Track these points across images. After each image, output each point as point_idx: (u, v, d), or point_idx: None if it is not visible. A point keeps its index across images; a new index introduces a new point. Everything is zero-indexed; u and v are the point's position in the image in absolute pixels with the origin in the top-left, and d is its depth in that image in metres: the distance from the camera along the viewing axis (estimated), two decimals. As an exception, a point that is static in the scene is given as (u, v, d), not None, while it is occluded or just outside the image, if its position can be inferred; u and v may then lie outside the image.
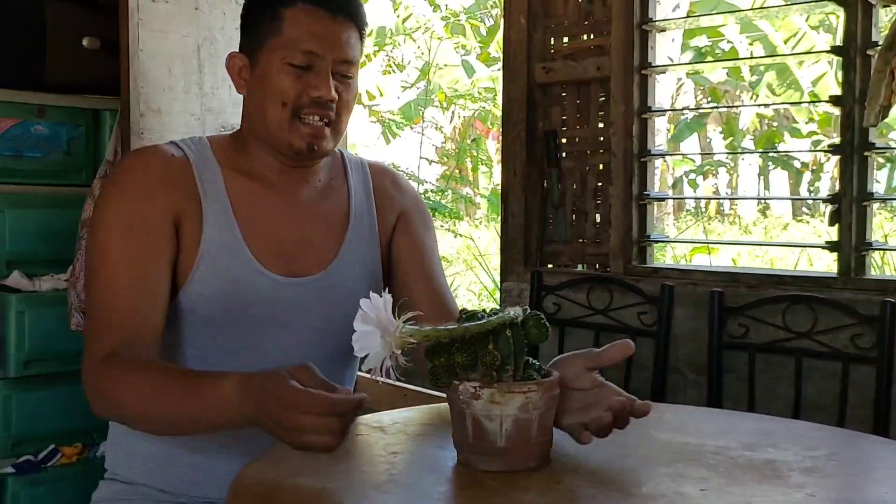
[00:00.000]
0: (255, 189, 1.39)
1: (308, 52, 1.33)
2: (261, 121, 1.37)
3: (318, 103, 1.33)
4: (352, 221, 1.45)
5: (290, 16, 1.34)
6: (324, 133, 1.35)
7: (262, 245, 1.36)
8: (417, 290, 1.45)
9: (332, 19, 1.34)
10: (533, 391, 1.05)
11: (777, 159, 12.60)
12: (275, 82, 1.34)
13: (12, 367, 2.71)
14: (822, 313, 2.16)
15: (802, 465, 1.12)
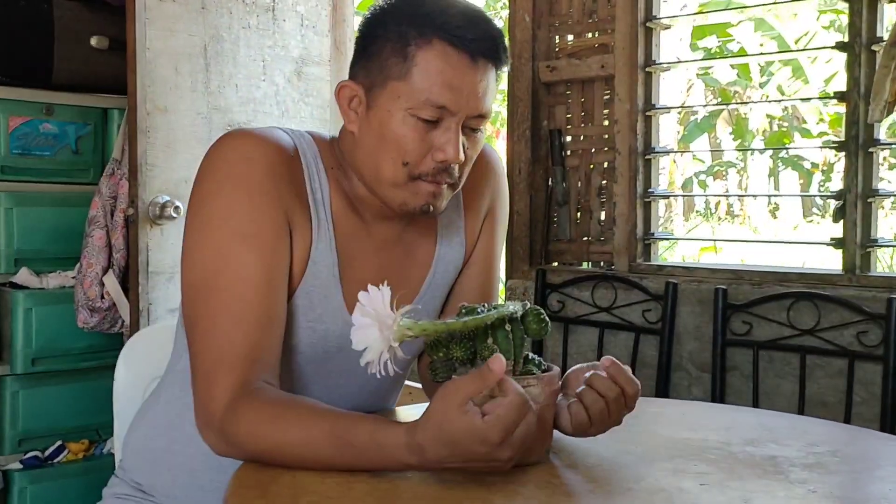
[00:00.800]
0: (355, 219, 1.22)
1: (440, 108, 1.12)
2: (372, 170, 1.17)
3: (442, 169, 1.15)
4: (438, 249, 1.30)
5: (422, 58, 1.12)
6: (441, 192, 1.17)
7: (352, 291, 1.17)
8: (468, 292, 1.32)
9: (471, 65, 1.13)
10: (532, 385, 1.05)
11: (787, 160, 12.56)
12: (396, 134, 1.14)
13: (20, 363, 2.73)
14: (826, 310, 2.16)
15: (804, 461, 1.12)
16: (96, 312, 2.67)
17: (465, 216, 1.32)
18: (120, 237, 2.65)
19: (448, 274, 1.31)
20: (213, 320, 1.10)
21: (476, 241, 1.34)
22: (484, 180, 1.33)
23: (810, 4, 7.83)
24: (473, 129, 1.17)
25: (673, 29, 2.70)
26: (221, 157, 1.16)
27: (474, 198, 1.33)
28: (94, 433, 2.86)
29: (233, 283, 1.10)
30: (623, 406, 1.10)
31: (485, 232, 1.35)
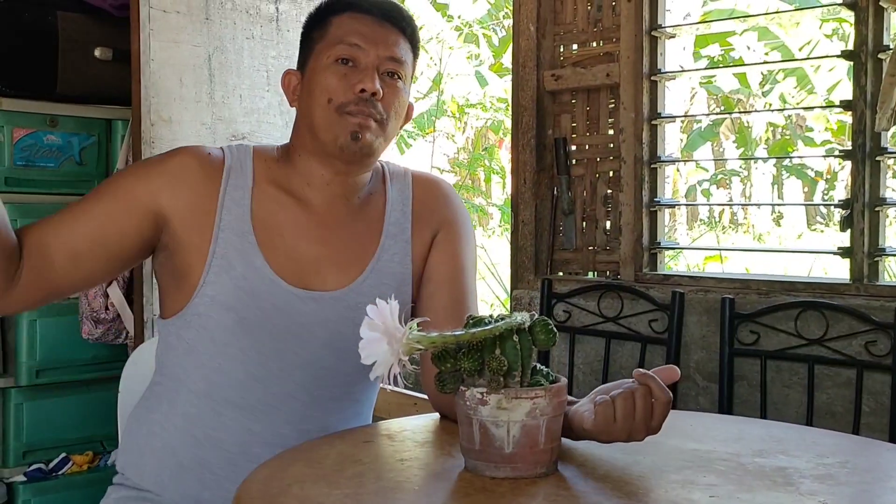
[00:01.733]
0: (284, 203, 1.38)
1: (353, 45, 1.34)
2: (308, 125, 1.36)
3: (363, 99, 1.32)
4: (383, 240, 1.41)
5: (336, 20, 1.37)
6: (368, 124, 1.33)
7: (278, 256, 1.34)
8: (441, 311, 1.39)
9: (377, 23, 1.37)
10: (540, 397, 1.04)
11: (791, 168, 12.55)
12: (321, 81, 1.34)
13: (24, 375, 2.73)
14: (834, 320, 2.15)
15: (815, 473, 1.11)
16: (100, 324, 2.67)
17: (413, 224, 1.44)
18: (124, 248, 2.64)
19: (393, 265, 1.41)
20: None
21: (426, 253, 1.44)
22: (435, 200, 1.47)
23: (813, 13, 7.84)
24: (390, 75, 1.36)
25: (677, 38, 2.70)
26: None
27: (423, 211, 1.45)
28: (98, 445, 2.86)
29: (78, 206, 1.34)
30: (650, 412, 1.09)
31: (440, 246, 1.45)
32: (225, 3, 2.69)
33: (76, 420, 2.82)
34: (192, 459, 1.33)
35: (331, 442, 1.24)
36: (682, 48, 8.70)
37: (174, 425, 1.34)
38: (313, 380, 1.35)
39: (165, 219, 1.33)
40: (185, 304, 1.33)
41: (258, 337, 1.32)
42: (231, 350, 1.32)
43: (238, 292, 1.31)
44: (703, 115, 11.26)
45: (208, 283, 1.31)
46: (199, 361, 1.33)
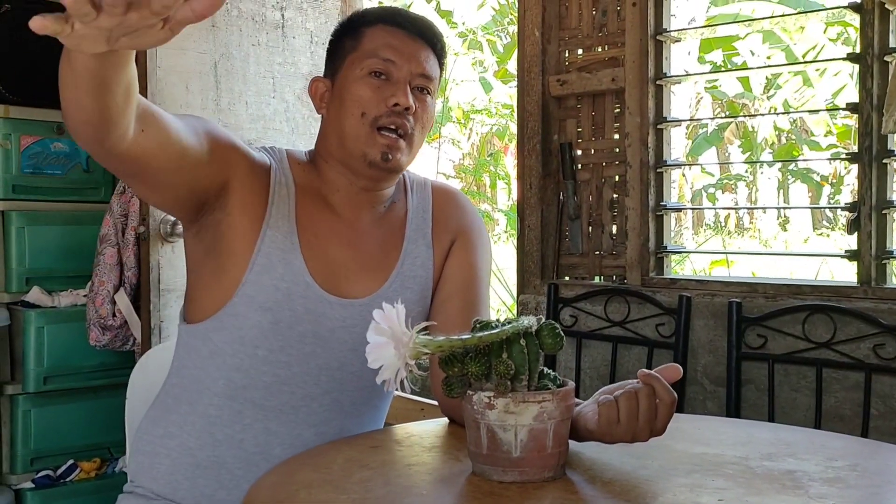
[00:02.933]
0: (321, 208, 1.40)
1: (387, 60, 1.36)
2: (338, 134, 1.38)
3: (396, 112, 1.34)
4: (405, 245, 1.44)
5: (369, 32, 1.39)
6: (399, 145, 1.35)
7: (316, 259, 1.35)
8: (454, 317, 1.40)
9: (410, 37, 1.38)
10: (548, 401, 1.04)
11: (797, 172, 12.54)
12: (354, 92, 1.36)
13: (32, 382, 2.73)
14: (842, 323, 2.14)
15: (824, 476, 1.10)
16: (108, 330, 2.67)
17: (433, 235, 1.47)
18: (131, 255, 2.66)
19: (416, 269, 1.43)
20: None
21: (444, 259, 1.47)
22: (455, 209, 1.51)
23: (818, 17, 7.82)
24: (421, 90, 1.38)
25: (682, 42, 2.70)
26: None
27: (442, 221, 1.48)
28: (105, 451, 2.86)
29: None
30: (654, 413, 1.09)
31: (457, 253, 1.47)
32: (231, 10, 2.69)
33: (84, 427, 2.82)
34: (209, 459, 1.33)
35: (338, 447, 1.24)
36: (688, 53, 8.70)
37: (193, 425, 1.35)
38: (337, 384, 1.36)
39: (228, 189, 1.32)
40: (224, 303, 1.32)
41: (288, 340, 1.33)
42: (260, 352, 1.32)
43: (276, 293, 1.32)
44: (708, 119, 11.25)
45: (249, 282, 1.31)
46: (224, 363, 1.33)
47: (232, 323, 1.32)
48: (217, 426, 1.34)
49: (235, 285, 1.31)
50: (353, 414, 1.39)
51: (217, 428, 1.34)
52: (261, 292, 1.31)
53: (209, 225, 1.33)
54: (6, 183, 2.74)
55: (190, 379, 1.38)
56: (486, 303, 1.47)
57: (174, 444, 1.35)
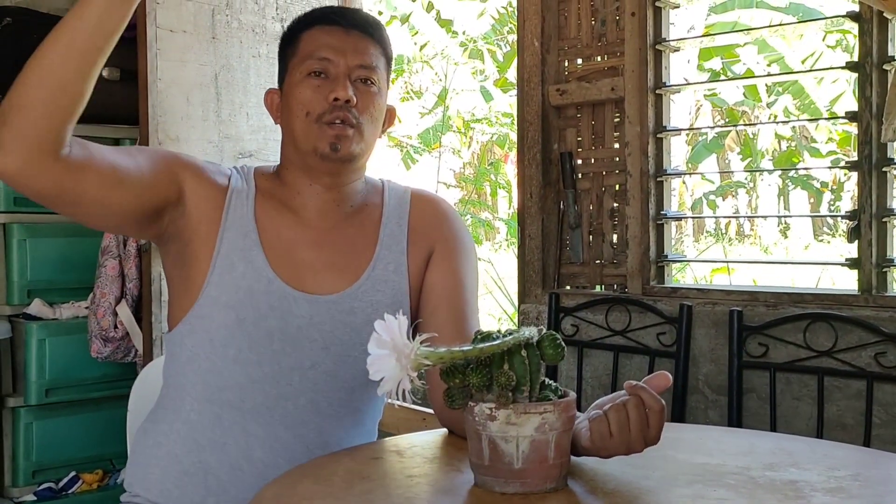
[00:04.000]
0: (282, 212, 1.42)
1: (322, 59, 1.38)
2: (291, 139, 1.41)
3: (338, 107, 1.36)
4: (378, 249, 1.44)
5: (306, 36, 1.42)
6: (346, 133, 1.37)
7: (279, 256, 1.38)
8: (443, 327, 1.40)
9: (345, 32, 1.41)
10: (549, 412, 1.04)
11: (797, 179, 12.54)
12: (297, 95, 1.39)
13: (33, 394, 2.73)
14: (843, 331, 2.14)
15: (826, 486, 1.10)
16: (110, 342, 2.68)
17: (409, 238, 1.46)
18: (133, 267, 2.66)
19: (388, 273, 1.43)
20: None
21: (423, 271, 1.46)
22: (431, 217, 1.50)
23: (816, 25, 7.84)
24: (363, 81, 1.39)
25: (681, 51, 2.70)
26: None
27: (419, 228, 1.48)
28: (107, 463, 2.86)
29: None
30: (645, 422, 1.09)
31: (438, 263, 1.46)
32: (231, 22, 2.70)
33: (86, 439, 2.82)
34: (195, 465, 1.35)
35: (339, 459, 1.24)
36: (687, 61, 8.72)
37: (177, 432, 1.37)
38: (310, 384, 1.37)
39: (183, 199, 1.36)
40: (190, 306, 1.36)
41: (255, 338, 1.34)
42: (230, 352, 1.34)
43: (238, 292, 1.34)
44: (707, 128, 11.27)
45: (212, 283, 1.35)
46: (200, 367, 1.36)
47: (200, 325, 1.35)
48: (199, 430, 1.36)
49: (199, 288, 1.35)
50: (332, 416, 1.39)
51: (199, 433, 1.36)
52: (223, 292, 1.34)
53: (172, 236, 1.38)
54: (7, 195, 2.75)
55: (174, 387, 1.40)
56: (474, 310, 1.47)
57: (162, 452, 1.37)
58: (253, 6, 2.75)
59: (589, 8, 2.73)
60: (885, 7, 2.10)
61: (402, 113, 11.52)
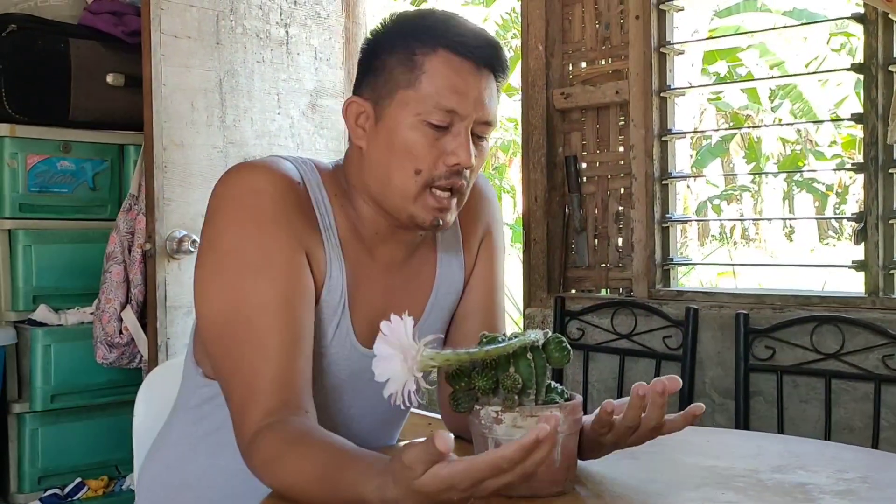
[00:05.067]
0: (360, 244, 1.23)
1: (450, 111, 1.14)
2: (382, 182, 1.18)
3: (455, 172, 1.16)
4: (439, 271, 1.31)
5: (429, 64, 1.15)
6: (450, 206, 1.18)
7: (359, 315, 1.22)
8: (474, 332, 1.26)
9: (476, 72, 1.16)
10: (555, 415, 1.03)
11: (802, 183, 12.53)
12: (406, 142, 1.15)
13: (39, 400, 2.73)
14: (850, 334, 2.13)
15: (835, 488, 1.09)
16: (115, 348, 2.67)
17: (463, 240, 1.34)
18: (138, 272, 2.66)
19: (449, 296, 1.32)
20: (238, 354, 1.10)
21: (473, 265, 1.35)
22: (479, 206, 1.35)
23: (821, 28, 7.83)
24: (480, 137, 1.18)
25: (685, 54, 2.70)
26: (228, 191, 1.16)
27: (471, 222, 1.34)
28: (113, 470, 2.85)
29: (251, 314, 1.11)
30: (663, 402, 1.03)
31: (482, 258, 1.36)
32: (235, 27, 2.71)
33: (91, 445, 2.82)
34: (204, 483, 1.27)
35: (346, 463, 1.23)
36: (691, 65, 8.70)
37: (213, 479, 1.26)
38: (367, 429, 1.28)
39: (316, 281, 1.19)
40: None
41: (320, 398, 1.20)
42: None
43: (322, 360, 1.20)
44: (712, 131, 11.26)
45: None
46: None
47: None
48: (240, 479, 1.20)
49: None
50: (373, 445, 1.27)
51: (240, 480, 1.19)
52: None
53: None
54: (13, 202, 2.75)
55: (206, 430, 1.27)
56: (504, 312, 1.39)
57: (193, 496, 1.27)
58: (257, 12, 2.76)
59: (593, 11, 2.73)
60: (890, 8, 2.10)
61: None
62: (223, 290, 1.13)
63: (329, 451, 1.00)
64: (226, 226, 1.14)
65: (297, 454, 1.01)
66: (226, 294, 1.12)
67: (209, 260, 1.15)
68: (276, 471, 1.03)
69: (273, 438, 1.04)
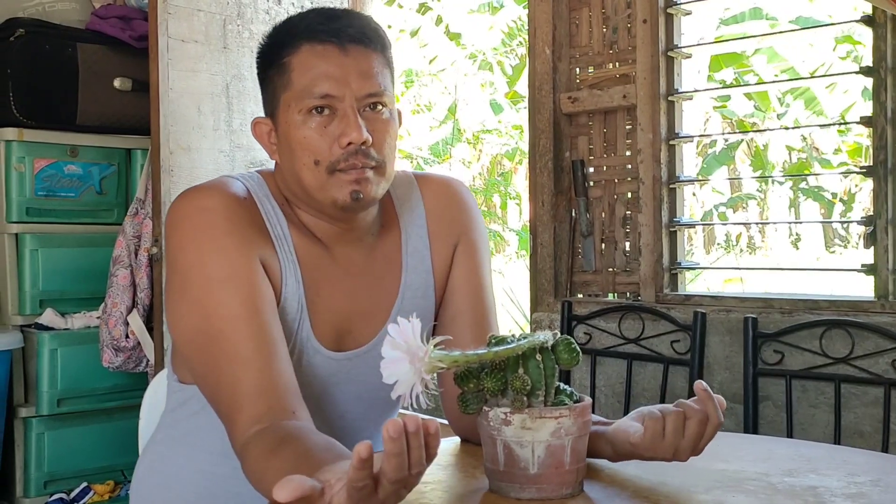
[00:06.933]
0: (317, 248, 1.25)
1: (324, 97, 1.17)
2: (297, 184, 1.21)
3: (353, 152, 1.16)
4: (404, 276, 1.30)
5: (296, 61, 1.18)
6: (367, 176, 1.18)
7: (321, 319, 1.23)
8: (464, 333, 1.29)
9: (341, 52, 1.18)
10: (565, 416, 1.02)
11: (808, 191, 12.51)
12: (298, 138, 1.18)
13: (45, 404, 2.73)
14: (860, 338, 2.12)
15: (847, 492, 1.09)
16: (121, 352, 2.67)
17: (431, 243, 1.34)
18: (144, 276, 2.66)
19: (416, 301, 1.31)
20: (216, 367, 1.12)
21: (448, 268, 1.35)
22: (449, 208, 1.36)
23: (828, 34, 7.82)
24: (373, 109, 1.19)
25: (693, 59, 2.69)
26: (180, 213, 1.19)
27: (439, 224, 1.34)
28: (119, 474, 2.85)
29: (222, 326, 1.13)
30: (701, 431, 1.05)
31: (460, 262, 1.35)
32: (242, 31, 2.71)
33: (97, 449, 2.82)
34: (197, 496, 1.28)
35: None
36: (697, 71, 8.70)
37: (189, 480, 1.28)
38: (339, 432, 1.25)
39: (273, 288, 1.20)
40: None
41: None
42: None
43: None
44: (720, 135, 11.25)
45: None
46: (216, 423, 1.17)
47: None
48: (215, 482, 1.26)
49: None
50: None
51: (214, 483, 1.26)
52: None
53: None
54: (20, 206, 2.76)
55: (183, 432, 1.30)
56: (494, 313, 1.38)
57: (171, 495, 1.29)
58: (264, 16, 2.76)
59: (600, 15, 2.73)
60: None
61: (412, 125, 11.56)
62: (192, 308, 1.15)
63: (302, 456, 0.99)
64: (183, 245, 1.17)
65: (279, 461, 1.01)
66: (195, 311, 1.15)
67: (174, 282, 1.18)
68: (263, 484, 1.02)
69: (257, 448, 1.05)
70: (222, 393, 1.12)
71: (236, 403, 1.09)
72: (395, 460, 0.80)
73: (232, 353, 1.11)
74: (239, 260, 1.15)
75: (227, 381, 1.11)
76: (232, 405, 1.10)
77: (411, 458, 0.80)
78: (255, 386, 1.10)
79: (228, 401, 1.10)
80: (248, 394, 1.09)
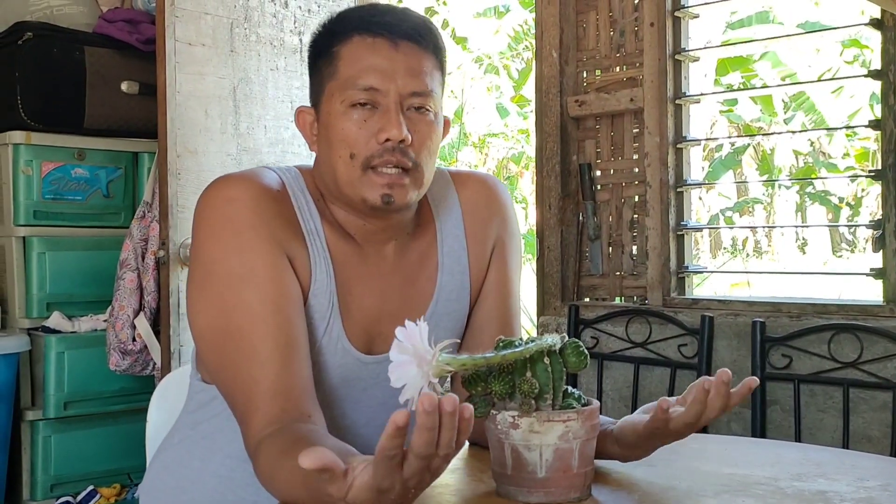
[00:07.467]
0: (350, 246, 1.22)
1: (369, 89, 1.15)
2: (332, 177, 1.19)
3: (389, 149, 1.14)
4: (440, 278, 1.27)
5: (345, 52, 1.17)
6: (401, 181, 1.15)
7: (352, 319, 1.21)
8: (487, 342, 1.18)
9: (393, 48, 1.16)
10: (573, 420, 1.02)
11: (814, 196, 12.48)
12: (338, 130, 1.16)
13: (52, 407, 2.73)
14: (868, 342, 2.11)
15: (855, 496, 1.08)
16: (128, 355, 2.67)
17: (468, 244, 1.31)
18: (151, 279, 2.66)
19: (451, 304, 1.28)
20: (233, 365, 1.11)
21: (486, 270, 1.32)
22: (487, 208, 1.33)
23: (834, 38, 7.80)
24: (417, 109, 1.17)
25: (700, 63, 2.69)
26: (207, 204, 1.17)
27: (477, 225, 1.31)
28: (125, 477, 2.85)
29: (242, 324, 1.11)
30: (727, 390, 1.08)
31: (496, 266, 1.32)
32: (249, 35, 2.71)
33: (104, 452, 2.82)
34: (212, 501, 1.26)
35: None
36: (704, 75, 8.69)
37: (205, 484, 1.25)
38: (363, 440, 1.23)
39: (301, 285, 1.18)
40: None
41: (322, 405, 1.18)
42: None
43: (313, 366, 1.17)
44: (727, 139, 11.23)
45: None
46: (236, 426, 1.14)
47: None
48: (230, 488, 1.24)
49: None
50: None
51: (229, 489, 1.24)
52: None
53: None
54: (27, 209, 2.76)
55: (202, 434, 1.28)
56: (519, 319, 1.35)
57: (186, 498, 1.27)
58: (271, 20, 2.76)
59: (607, 19, 2.73)
60: (907, 14, 2.08)
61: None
62: (212, 303, 1.14)
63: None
64: (205, 238, 1.16)
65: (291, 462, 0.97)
66: (215, 307, 1.13)
67: (196, 275, 1.17)
68: (274, 484, 1.02)
69: (269, 450, 1.03)
70: (237, 392, 1.10)
71: (251, 403, 1.08)
72: (426, 434, 0.78)
73: (249, 352, 1.10)
74: (262, 255, 1.13)
75: (243, 380, 1.10)
76: (247, 405, 1.08)
77: (441, 438, 0.79)
78: (272, 387, 1.08)
79: (244, 400, 1.09)
80: (264, 394, 1.08)
